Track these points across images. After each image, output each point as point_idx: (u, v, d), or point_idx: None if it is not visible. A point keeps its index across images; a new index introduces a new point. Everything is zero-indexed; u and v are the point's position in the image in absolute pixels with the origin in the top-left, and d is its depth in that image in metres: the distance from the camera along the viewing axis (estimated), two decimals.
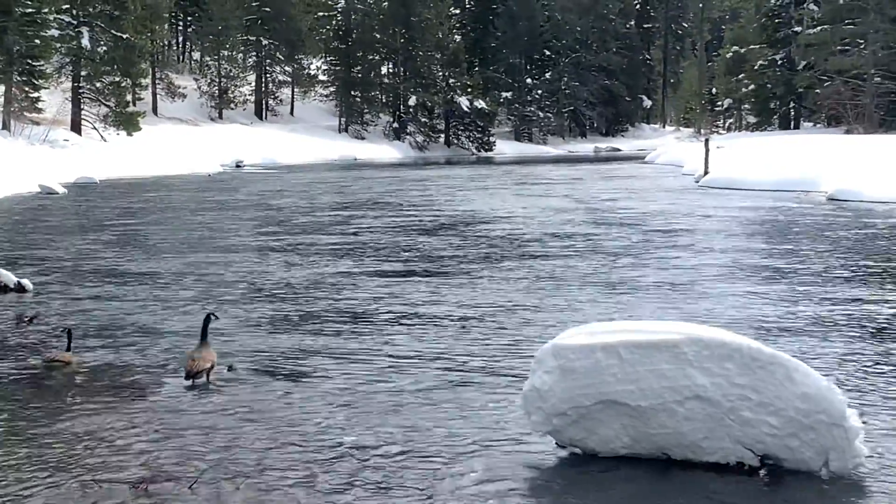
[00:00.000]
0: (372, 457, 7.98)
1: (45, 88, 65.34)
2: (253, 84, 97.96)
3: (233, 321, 13.38)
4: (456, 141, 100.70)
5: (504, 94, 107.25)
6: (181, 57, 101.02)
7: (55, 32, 66.12)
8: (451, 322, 13.57)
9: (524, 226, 26.30)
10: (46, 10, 64.31)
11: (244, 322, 13.59)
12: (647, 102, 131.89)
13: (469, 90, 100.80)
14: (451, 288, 16.53)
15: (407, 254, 21.05)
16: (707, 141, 53.09)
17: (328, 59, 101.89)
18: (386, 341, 12.41)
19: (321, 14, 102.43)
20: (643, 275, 17.89)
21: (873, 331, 12.76)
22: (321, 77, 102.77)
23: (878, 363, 11.00)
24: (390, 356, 11.58)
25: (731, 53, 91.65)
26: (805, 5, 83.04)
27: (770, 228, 26.02)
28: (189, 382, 10.25)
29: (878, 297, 15.25)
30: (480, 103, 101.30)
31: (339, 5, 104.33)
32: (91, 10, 68.99)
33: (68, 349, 11.31)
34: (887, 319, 13.43)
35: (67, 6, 67.65)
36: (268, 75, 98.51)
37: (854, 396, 8.89)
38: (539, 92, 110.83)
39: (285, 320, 13.84)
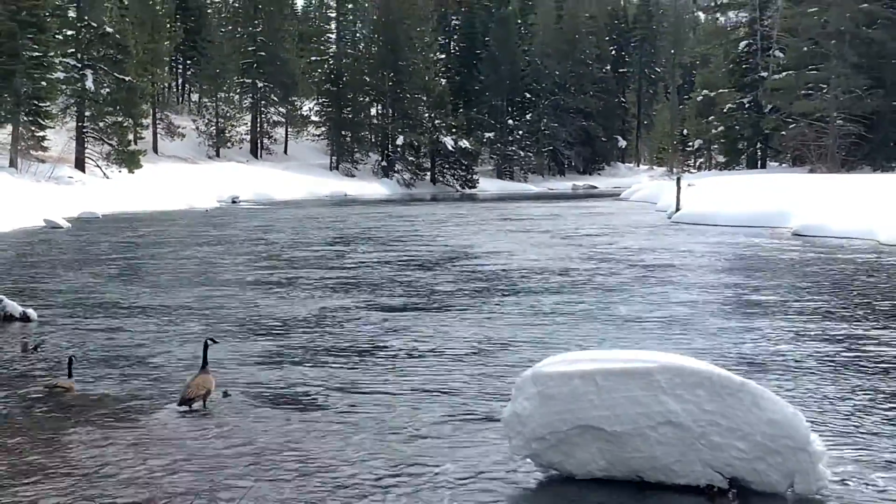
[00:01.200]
0: (361, 482, 7.98)
1: (51, 128, 65.38)
2: (248, 124, 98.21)
3: (229, 351, 13.36)
4: (441, 178, 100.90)
5: (487, 135, 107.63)
6: (180, 98, 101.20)
7: (60, 75, 66.21)
8: (438, 352, 13.58)
9: (508, 262, 26.31)
10: (52, 54, 64.45)
11: (240, 352, 13.57)
12: (623, 143, 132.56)
13: (454, 130, 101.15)
14: (440, 321, 16.53)
15: (398, 288, 21.03)
16: (679, 179, 53.24)
17: (320, 100, 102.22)
18: (376, 371, 12.42)
19: (313, 58, 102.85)
20: (621, 308, 17.89)
21: (839, 362, 12.79)
22: (313, 118, 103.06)
23: (841, 392, 11.03)
24: (380, 385, 11.59)
25: (701, 97, 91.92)
26: (771, 52, 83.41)
27: (738, 263, 26.10)
28: (183, 408, 10.23)
29: (843, 331, 15.30)
30: (464, 143, 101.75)
31: (331, 50, 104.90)
32: (95, 53, 69.10)
33: (69, 376, 11.31)
34: (852, 352, 13.46)
35: (72, 50, 67.79)
36: (263, 116, 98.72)
37: (818, 423, 8.92)
38: (520, 132, 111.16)
39: (279, 351, 13.82)
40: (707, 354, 11.75)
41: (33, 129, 63.60)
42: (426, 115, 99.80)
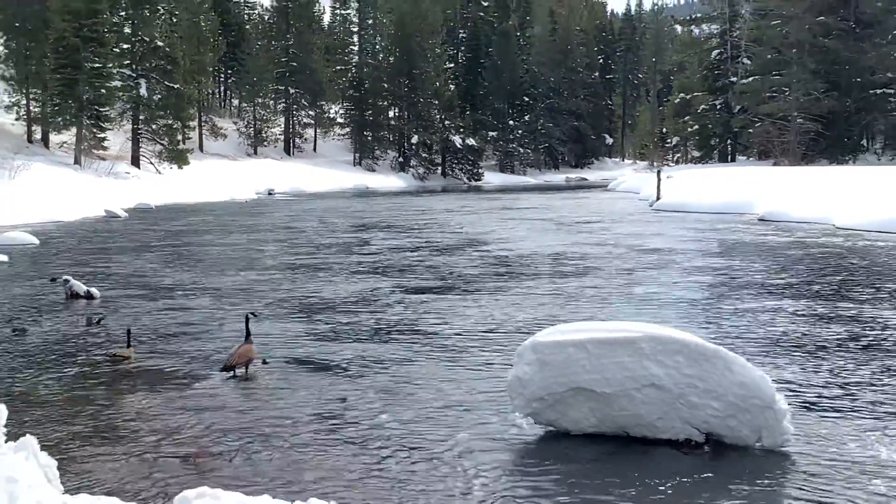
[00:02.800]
0: (385, 433, 8.02)
1: (110, 130, 65.35)
2: (282, 125, 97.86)
3: (268, 325, 13.37)
4: (451, 172, 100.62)
5: (490, 134, 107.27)
6: (223, 103, 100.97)
7: (118, 83, 66.17)
8: (453, 326, 13.56)
9: (516, 246, 26.21)
10: (111, 65, 64.37)
11: (278, 325, 13.57)
12: (609, 140, 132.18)
13: (461, 130, 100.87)
14: (457, 298, 16.53)
15: (419, 270, 20.96)
16: (659, 172, 53.09)
17: (344, 104, 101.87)
18: (400, 342, 12.40)
19: (338, 68, 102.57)
20: (611, 285, 17.89)
21: (801, 330, 12.76)
22: (339, 120, 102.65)
23: (803, 357, 11.02)
24: (403, 354, 11.58)
25: (678, 99, 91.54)
26: (739, 60, 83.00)
27: (712, 245, 26.00)
28: (226, 374, 10.25)
29: (804, 303, 15.27)
30: (471, 141, 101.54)
31: (353, 60, 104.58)
32: (148, 64, 69.02)
33: (128, 345, 11.33)
34: (814, 321, 13.44)
35: (128, 62, 67.71)
36: (294, 118, 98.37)
37: (783, 384, 8.91)
38: (519, 131, 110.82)
39: (313, 324, 13.81)
40: (685, 325, 11.74)
41: (95, 130, 63.57)
42: (437, 116, 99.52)
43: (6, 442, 4.66)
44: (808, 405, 8.70)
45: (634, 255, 23.13)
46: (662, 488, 6.67)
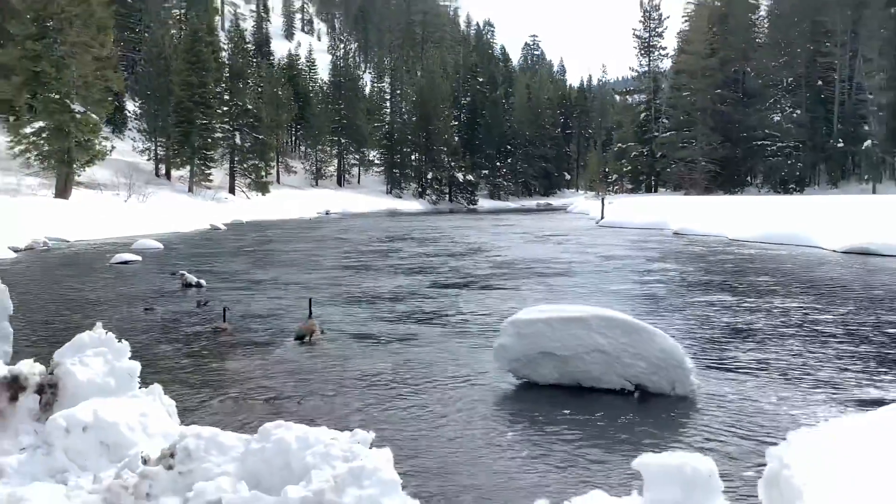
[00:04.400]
0: (408, 384, 8.04)
1: (214, 167, 65.73)
2: (336, 165, 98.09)
3: (326, 307, 13.40)
4: (455, 199, 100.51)
5: (483, 171, 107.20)
6: (294, 149, 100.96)
7: (220, 135, 66.63)
8: (463, 311, 13.65)
9: (506, 253, 26.33)
10: (215, 122, 64.93)
11: (333, 307, 13.62)
12: (568, 176, 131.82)
13: (463, 169, 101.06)
14: (466, 291, 16.60)
15: (434, 269, 21.05)
16: (603, 199, 53.37)
17: (380, 150, 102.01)
18: (424, 322, 12.45)
19: (376, 124, 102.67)
20: (569, 279, 17.92)
21: (704, 309, 12.77)
22: (376, 161, 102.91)
23: (705, 327, 11.03)
24: (426, 330, 11.63)
25: (616, 148, 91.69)
26: (660, 120, 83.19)
27: (640, 251, 26.03)
28: (298, 341, 10.28)
29: (705, 289, 15.29)
30: (469, 177, 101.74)
31: (387, 119, 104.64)
32: (241, 121, 69.34)
33: (224, 320, 11.37)
34: (713, 302, 13.44)
35: (227, 119, 68.03)
36: (344, 160, 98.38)
37: (691, 350, 8.93)
38: (504, 170, 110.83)
39: (359, 307, 13.88)
40: (622, 307, 11.73)
41: (203, 168, 63.97)
42: (445, 159, 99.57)
43: (140, 388, 4.66)
44: (709, 366, 8.71)
45: (586, 259, 23.14)
46: (603, 423, 6.70)
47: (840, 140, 68.77)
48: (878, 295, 14.48)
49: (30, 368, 4.54)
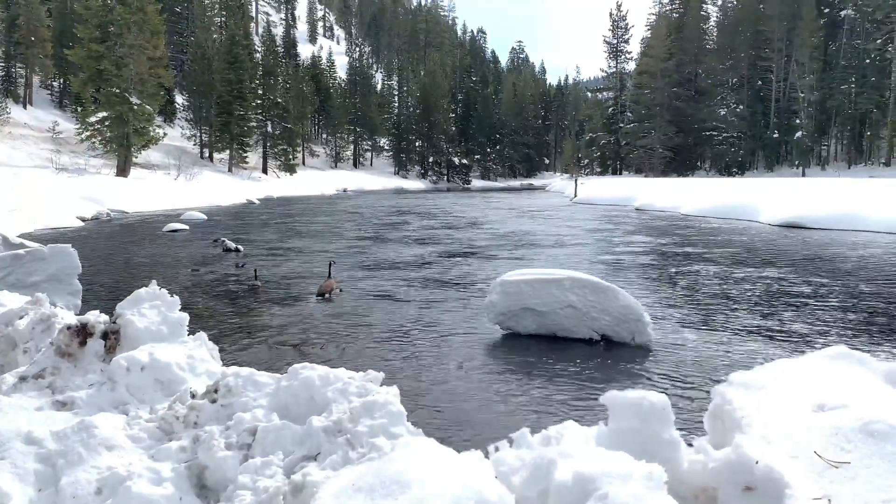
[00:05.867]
0: (412, 333, 8.04)
1: (249, 151, 65.42)
2: (352, 150, 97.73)
3: (343, 268, 13.40)
4: (452, 179, 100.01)
5: (476, 156, 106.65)
6: (316, 135, 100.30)
7: (254, 124, 66.14)
8: (461, 272, 13.62)
9: (499, 226, 26.26)
10: (250, 113, 64.52)
11: (350, 269, 13.61)
12: (547, 161, 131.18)
13: (458, 154, 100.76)
14: (465, 258, 16.56)
15: (437, 238, 21.04)
16: (576, 180, 53.07)
17: (389, 138, 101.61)
18: (430, 280, 12.44)
19: (386, 116, 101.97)
20: (546, 247, 17.91)
21: (661, 270, 12.79)
22: (386, 147, 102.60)
23: (662, 288, 11.05)
24: (430, 287, 11.62)
25: (588, 137, 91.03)
26: (625, 113, 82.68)
27: (607, 223, 26.03)
28: (320, 297, 10.29)
29: (661, 254, 15.30)
30: (465, 160, 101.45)
31: (395, 112, 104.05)
32: (272, 113, 68.86)
33: (256, 279, 11.41)
34: (667, 264, 13.46)
35: (260, 111, 67.57)
36: (359, 146, 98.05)
37: (650, 307, 8.95)
38: (493, 155, 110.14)
39: (373, 269, 13.85)
40: (591, 270, 11.74)
41: (240, 152, 63.60)
42: (444, 146, 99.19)
43: (188, 335, 4.66)
44: (663, 320, 8.73)
45: (562, 231, 23.12)
46: (574, 367, 6.71)
47: (775, 131, 68.69)
48: (805, 260, 14.49)
49: (96, 318, 4.54)
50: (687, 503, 2.22)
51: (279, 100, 70.17)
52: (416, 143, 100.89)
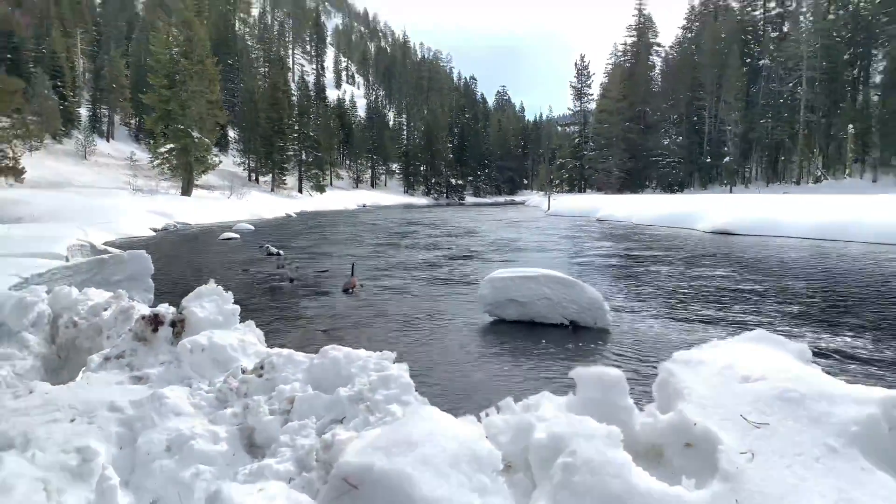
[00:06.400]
0: (419, 320, 8.02)
1: (288, 175, 65.29)
2: (370, 173, 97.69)
3: (364, 269, 13.36)
4: (450, 196, 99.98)
5: (469, 178, 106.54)
6: (342, 162, 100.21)
7: (291, 153, 65.94)
8: (464, 273, 13.57)
9: (489, 234, 26.21)
10: (288, 144, 64.36)
11: (369, 269, 13.57)
12: (526, 181, 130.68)
13: (455, 176, 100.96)
14: (466, 260, 16.52)
15: (441, 245, 21.00)
16: (549, 196, 53.02)
17: (399, 164, 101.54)
18: (434, 279, 12.40)
19: (397, 145, 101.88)
20: (530, 252, 17.86)
21: (619, 269, 12.76)
22: (397, 170, 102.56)
23: (620, 282, 11.03)
24: (435, 285, 11.59)
25: (558, 162, 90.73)
26: (588, 143, 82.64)
27: (574, 230, 25.97)
28: (345, 293, 10.26)
29: (620, 257, 15.28)
30: (460, 181, 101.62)
31: (404, 142, 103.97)
32: (305, 144, 68.65)
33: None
34: (626, 267, 13.44)
35: (296, 143, 67.45)
36: (376, 170, 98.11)
37: (609, 297, 8.94)
38: (483, 177, 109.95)
39: (389, 270, 13.80)
40: (563, 268, 11.74)
41: (280, 176, 63.47)
42: (444, 169, 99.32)
43: (240, 323, 4.66)
44: (621, 308, 8.71)
45: (539, 237, 23.10)
46: (552, 345, 6.69)
47: (708, 157, 68.81)
48: (733, 260, 14.49)
49: (166, 309, 4.54)
50: (639, 458, 2.21)
51: (311, 133, 70.09)
52: (421, 168, 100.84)
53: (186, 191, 43.28)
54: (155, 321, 4.38)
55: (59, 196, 28.83)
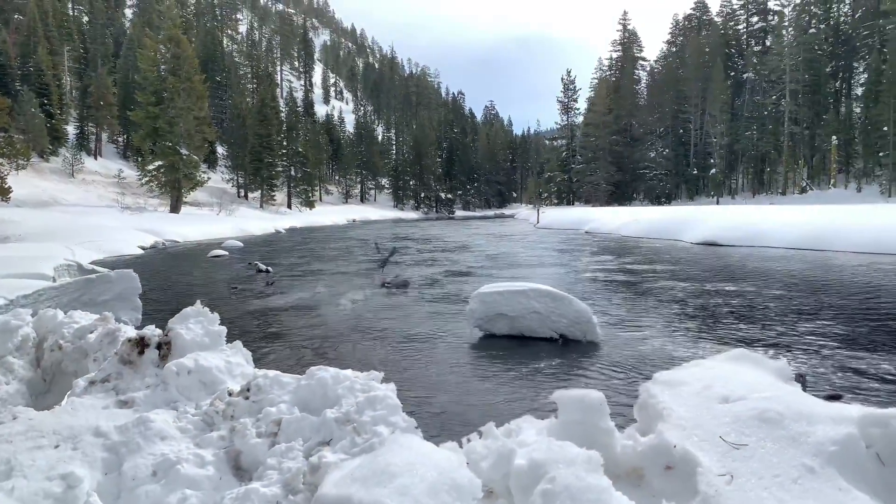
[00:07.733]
0: (408, 336, 8.00)
1: (277, 191, 65.17)
2: (359, 188, 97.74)
3: (356, 286, 13.30)
4: (439, 210, 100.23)
5: (459, 192, 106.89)
6: (331, 177, 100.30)
7: (280, 169, 65.94)
8: (454, 284, 13.56)
9: (481, 248, 26.23)
10: (276, 160, 64.35)
11: (360, 287, 13.52)
12: (515, 195, 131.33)
13: (444, 190, 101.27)
14: (455, 274, 16.49)
15: (436, 259, 20.98)
16: (538, 209, 53.26)
17: (388, 178, 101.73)
18: (430, 289, 12.38)
19: (386, 160, 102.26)
20: (521, 267, 17.89)
21: (611, 282, 12.81)
22: (386, 185, 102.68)
23: (611, 296, 11.07)
24: (429, 294, 11.57)
25: (546, 175, 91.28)
26: (576, 156, 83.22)
27: (564, 243, 26.04)
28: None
29: (610, 268, 15.34)
30: (449, 195, 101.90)
31: (393, 157, 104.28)
32: (294, 160, 68.73)
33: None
34: (615, 278, 13.49)
35: (285, 158, 67.46)
36: (365, 185, 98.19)
37: (597, 311, 8.97)
38: (472, 190, 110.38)
39: (377, 287, 13.78)
40: (551, 282, 11.78)
41: (269, 191, 63.32)
42: (433, 184, 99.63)
43: (226, 343, 4.65)
44: (609, 322, 8.74)
45: (529, 250, 23.15)
46: (540, 362, 6.69)
47: (694, 169, 69.48)
48: (717, 272, 14.59)
49: (152, 332, 4.52)
50: (620, 481, 2.23)
51: (300, 149, 70.16)
52: (411, 182, 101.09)
53: (175, 208, 43.09)
54: (141, 344, 4.36)
55: (46, 215, 28.63)
